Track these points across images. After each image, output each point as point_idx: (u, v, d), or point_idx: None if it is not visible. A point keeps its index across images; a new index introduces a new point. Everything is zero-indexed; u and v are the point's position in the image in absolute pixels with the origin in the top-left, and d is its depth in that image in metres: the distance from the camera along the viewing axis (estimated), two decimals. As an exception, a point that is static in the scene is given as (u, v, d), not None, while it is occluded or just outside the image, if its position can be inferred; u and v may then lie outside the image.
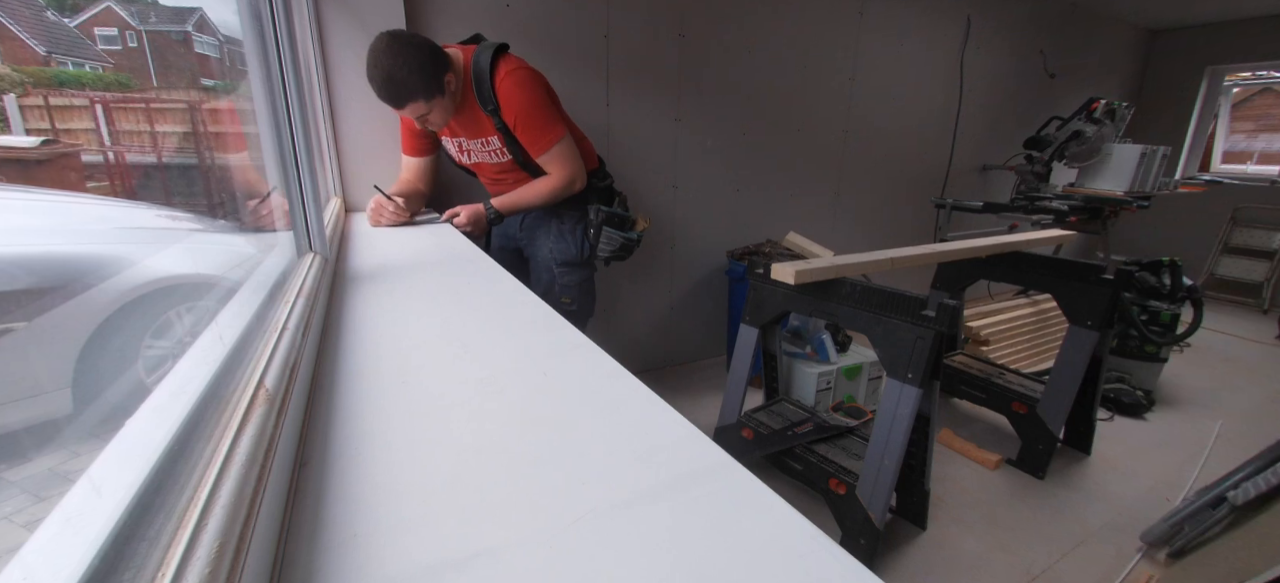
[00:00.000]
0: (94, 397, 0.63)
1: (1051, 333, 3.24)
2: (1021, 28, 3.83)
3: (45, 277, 0.69)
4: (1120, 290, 2.03)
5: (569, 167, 1.69)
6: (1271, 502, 1.53)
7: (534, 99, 1.60)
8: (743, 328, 1.94)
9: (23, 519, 0.48)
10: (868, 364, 2.52)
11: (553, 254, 1.85)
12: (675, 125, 2.62)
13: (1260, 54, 4.49)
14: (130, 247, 0.86)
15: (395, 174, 1.90)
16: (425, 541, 0.43)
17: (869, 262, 1.78)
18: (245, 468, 0.41)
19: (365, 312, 0.95)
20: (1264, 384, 3.06)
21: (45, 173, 0.75)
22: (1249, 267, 4.50)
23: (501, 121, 1.61)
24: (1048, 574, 1.68)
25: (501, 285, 1.13)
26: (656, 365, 2.97)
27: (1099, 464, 2.24)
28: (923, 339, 1.47)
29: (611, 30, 2.33)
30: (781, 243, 2.86)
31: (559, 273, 1.86)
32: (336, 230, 1.50)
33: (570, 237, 1.85)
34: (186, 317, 0.80)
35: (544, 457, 0.54)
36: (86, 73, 0.81)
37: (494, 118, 1.61)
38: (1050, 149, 3.47)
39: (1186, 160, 5.04)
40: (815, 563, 0.41)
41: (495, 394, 0.66)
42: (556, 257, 1.85)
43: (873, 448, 1.56)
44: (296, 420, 0.58)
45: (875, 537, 1.57)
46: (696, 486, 0.50)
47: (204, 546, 0.33)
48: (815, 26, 2.88)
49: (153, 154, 0.96)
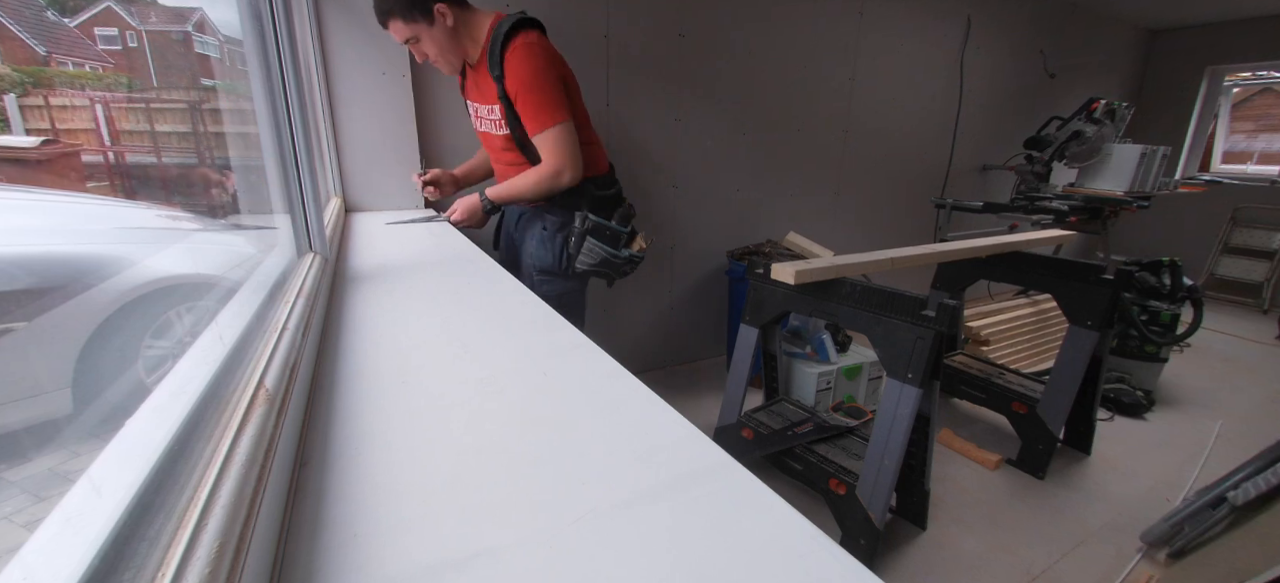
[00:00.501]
0: (94, 397, 0.63)
1: (1051, 333, 3.24)
2: (1021, 28, 3.83)
3: (45, 277, 0.69)
4: (1120, 290, 2.03)
5: (560, 155, 1.57)
6: (1271, 502, 1.53)
7: (538, 74, 1.51)
8: (743, 328, 1.94)
9: (23, 519, 0.48)
10: (868, 364, 2.52)
11: (532, 259, 1.75)
12: (675, 125, 2.62)
13: (1260, 54, 4.49)
14: (130, 247, 0.86)
15: (395, 174, 1.90)
16: (425, 541, 0.43)
17: (869, 262, 1.78)
18: (245, 468, 0.41)
19: (365, 312, 0.95)
20: (1264, 384, 3.06)
21: (45, 173, 0.75)
22: (1249, 267, 4.50)
23: (504, 91, 1.55)
24: (1048, 574, 1.68)
25: (501, 285, 1.13)
26: (656, 365, 2.97)
27: (1099, 464, 2.24)
28: (923, 339, 1.47)
29: (611, 30, 2.33)
30: (781, 243, 2.86)
31: (538, 281, 1.74)
32: (336, 230, 1.50)
33: (550, 243, 1.72)
34: (186, 317, 0.80)
35: (544, 457, 0.54)
36: (86, 73, 0.81)
37: (499, 85, 1.55)
38: (1050, 149, 3.47)
39: (1186, 160, 5.04)
40: (815, 563, 0.41)
41: (495, 394, 0.66)
42: (536, 263, 1.74)
43: (873, 448, 1.56)
44: (296, 420, 0.58)
45: (875, 537, 1.57)
46: (696, 486, 0.50)
47: (204, 546, 0.33)
48: (815, 26, 2.88)
49: (152, 154, 0.96)
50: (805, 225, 3.14)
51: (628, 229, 1.72)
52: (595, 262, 1.69)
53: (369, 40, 1.79)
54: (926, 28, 3.34)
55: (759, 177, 2.97)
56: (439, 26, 1.52)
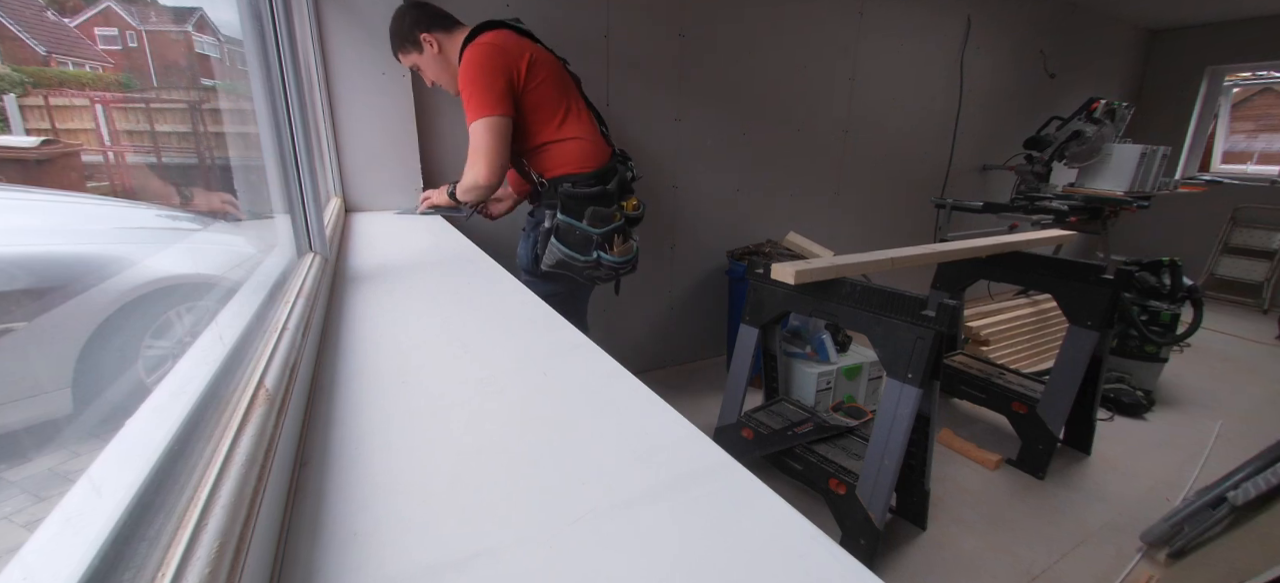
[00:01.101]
0: (94, 397, 0.63)
1: (1051, 333, 3.24)
2: (1021, 28, 3.83)
3: (45, 277, 0.69)
4: (1120, 290, 2.03)
5: (473, 151, 1.53)
6: (1271, 502, 1.53)
7: (471, 71, 1.50)
8: (743, 328, 1.94)
9: (23, 519, 0.48)
10: (868, 364, 2.52)
11: (519, 258, 1.79)
12: (675, 125, 2.61)
13: (1260, 54, 4.49)
14: (130, 247, 0.85)
15: (394, 173, 1.90)
16: (425, 540, 0.43)
17: (869, 262, 1.78)
18: (245, 468, 0.41)
19: (365, 312, 0.95)
20: (1264, 384, 3.06)
21: (45, 173, 0.75)
22: (1249, 267, 4.50)
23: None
24: (1048, 574, 1.68)
25: (501, 285, 1.13)
26: (656, 365, 2.97)
27: (1099, 464, 2.24)
28: (923, 339, 1.47)
29: (611, 30, 2.33)
30: (781, 243, 2.86)
31: (524, 280, 1.63)
32: (336, 230, 1.50)
33: (527, 241, 1.75)
34: (186, 317, 0.80)
35: (544, 457, 0.54)
36: (86, 73, 0.81)
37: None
38: (1050, 149, 3.48)
39: (1186, 160, 5.04)
40: (815, 563, 0.41)
41: (495, 394, 0.66)
42: (521, 261, 1.78)
43: (873, 448, 1.56)
44: (296, 420, 0.58)
45: (875, 537, 1.57)
46: (696, 486, 0.50)
47: (204, 546, 0.33)
48: (815, 26, 2.88)
49: (152, 154, 0.96)
50: (805, 225, 3.14)
51: (601, 231, 1.62)
52: (553, 263, 1.65)
53: (369, 40, 1.79)
54: (926, 28, 3.34)
55: (759, 177, 2.97)
56: (428, 55, 1.65)
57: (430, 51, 1.64)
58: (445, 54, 1.64)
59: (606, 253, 1.64)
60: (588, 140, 1.65)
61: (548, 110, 1.59)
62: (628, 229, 1.70)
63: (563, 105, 1.61)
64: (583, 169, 1.62)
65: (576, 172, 1.62)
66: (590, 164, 1.64)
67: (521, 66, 1.53)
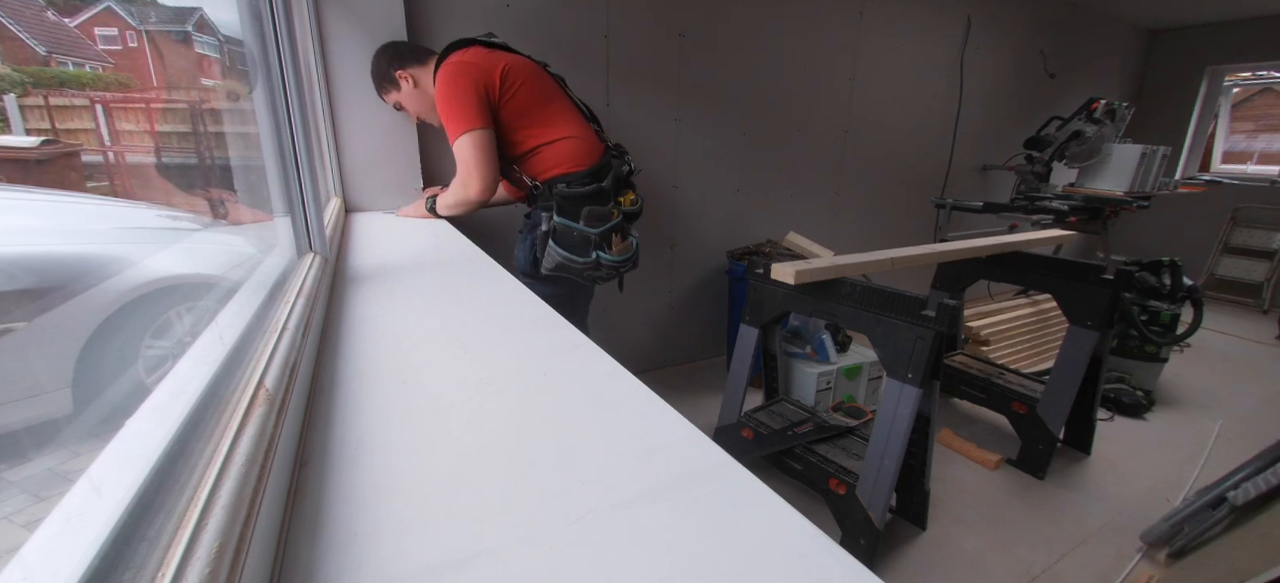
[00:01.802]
0: (94, 397, 0.63)
1: (1051, 333, 3.24)
2: (1021, 28, 3.83)
3: (45, 277, 0.69)
4: (1120, 290, 2.03)
5: (463, 166, 1.55)
6: (1271, 502, 1.53)
7: (445, 93, 1.53)
8: (743, 328, 1.94)
9: (23, 519, 0.48)
10: (868, 364, 2.52)
11: (517, 260, 1.78)
12: (675, 125, 2.61)
13: (1260, 54, 4.49)
14: (130, 247, 0.85)
15: (393, 173, 1.90)
16: (425, 540, 0.43)
17: (869, 262, 1.78)
18: (245, 468, 0.41)
19: (365, 312, 0.95)
20: (1264, 384, 3.06)
21: (45, 173, 0.75)
22: (1249, 267, 4.50)
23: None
24: (1048, 574, 1.68)
25: (501, 285, 1.13)
26: (656, 365, 2.97)
27: (1099, 464, 2.24)
28: (923, 339, 1.47)
29: (611, 30, 2.33)
30: (781, 243, 2.86)
31: (523, 282, 1.74)
32: (336, 230, 1.50)
33: (524, 243, 1.74)
34: (186, 317, 0.80)
35: (544, 457, 0.54)
36: (86, 73, 0.81)
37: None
38: (1050, 149, 3.48)
39: (1186, 160, 5.04)
40: (815, 563, 0.41)
41: (495, 394, 0.66)
42: (518, 263, 1.77)
43: (873, 448, 1.56)
44: (296, 421, 0.58)
45: (875, 537, 1.57)
46: (696, 486, 0.50)
47: (204, 546, 0.33)
48: (815, 26, 2.88)
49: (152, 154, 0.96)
50: (805, 225, 3.14)
51: (598, 230, 1.60)
52: (553, 266, 1.65)
53: (369, 40, 1.79)
54: (926, 28, 3.34)
55: (759, 176, 2.97)
56: (407, 90, 1.70)
57: (407, 87, 1.69)
58: (422, 86, 1.68)
59: (605, 252, 1.63)
60: (578, 139, 1.64)
61: (532, 115, 1.59)
62: (625, 226, 1.68)
63: (547, 107, 1.61)
64: (576, 168, 1.61)
65: (569, 171, 1.60)
66: (583, 162, 1.62)
67: (495, 78, 1.53)
